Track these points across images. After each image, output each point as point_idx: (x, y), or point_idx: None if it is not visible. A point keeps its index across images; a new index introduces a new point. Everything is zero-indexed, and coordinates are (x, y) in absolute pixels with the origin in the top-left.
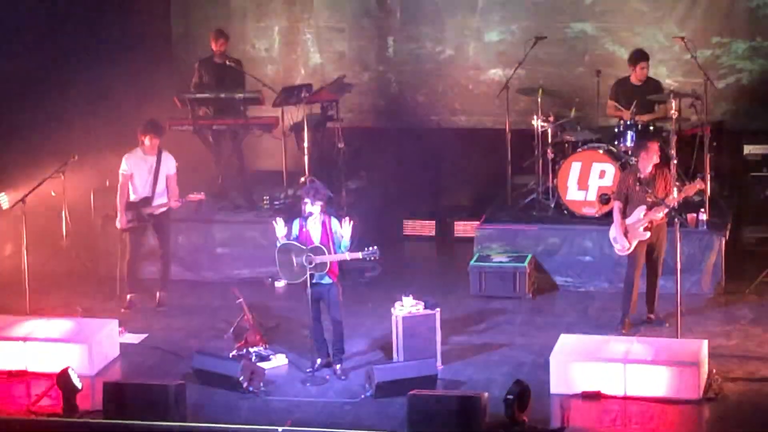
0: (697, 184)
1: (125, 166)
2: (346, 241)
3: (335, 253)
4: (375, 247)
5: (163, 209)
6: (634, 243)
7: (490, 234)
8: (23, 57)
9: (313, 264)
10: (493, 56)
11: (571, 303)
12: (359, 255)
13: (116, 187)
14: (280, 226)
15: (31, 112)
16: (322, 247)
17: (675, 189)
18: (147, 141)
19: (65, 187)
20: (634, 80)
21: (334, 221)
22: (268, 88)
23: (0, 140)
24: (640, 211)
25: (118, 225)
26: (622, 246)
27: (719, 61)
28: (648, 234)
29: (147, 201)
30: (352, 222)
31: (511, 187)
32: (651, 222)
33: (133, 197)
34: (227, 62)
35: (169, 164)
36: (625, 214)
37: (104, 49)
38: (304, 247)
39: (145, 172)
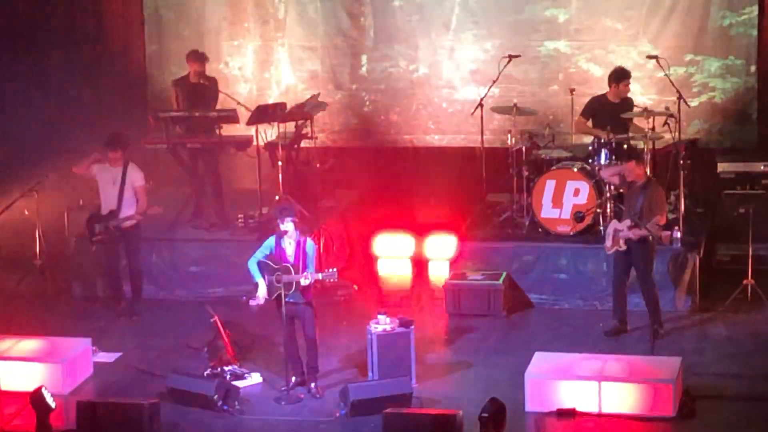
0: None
1: (93, 169)
2: (309, 261)
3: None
4: (334, 269)
5: (130, 223)
6: (612, 250)
7: (465, 252)
8: None
9: (281, 283)
10: (467, 75)
11: (545, 320)
12: (319, 276)
13: (90, 207)
14: (261, 287)
15: (4, 131)
16: (290, 266)
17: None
18: (109, 154)
19: (39, 206)
20: (612, 98)
21: (309, 243)
22: (242, 107)
23: None
24: (625, 223)
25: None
26: (606, 244)
27: (692, 79)
28: (624, 247)
29: (113, 214)
30: (315, 244)
31: (486, 205)
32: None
33: (103, 211)
34: (201, 81)
35: (135, 176)
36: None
37: (78, 67)
38: (275, 266)
39: (110, 184)
